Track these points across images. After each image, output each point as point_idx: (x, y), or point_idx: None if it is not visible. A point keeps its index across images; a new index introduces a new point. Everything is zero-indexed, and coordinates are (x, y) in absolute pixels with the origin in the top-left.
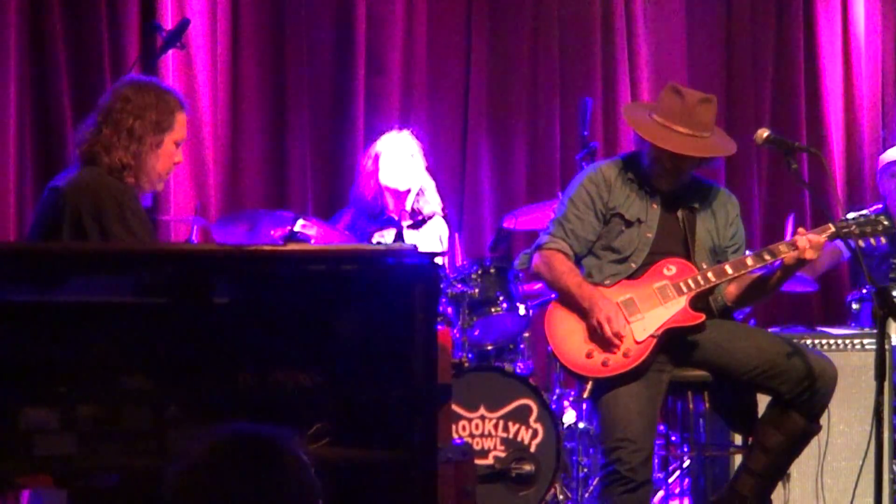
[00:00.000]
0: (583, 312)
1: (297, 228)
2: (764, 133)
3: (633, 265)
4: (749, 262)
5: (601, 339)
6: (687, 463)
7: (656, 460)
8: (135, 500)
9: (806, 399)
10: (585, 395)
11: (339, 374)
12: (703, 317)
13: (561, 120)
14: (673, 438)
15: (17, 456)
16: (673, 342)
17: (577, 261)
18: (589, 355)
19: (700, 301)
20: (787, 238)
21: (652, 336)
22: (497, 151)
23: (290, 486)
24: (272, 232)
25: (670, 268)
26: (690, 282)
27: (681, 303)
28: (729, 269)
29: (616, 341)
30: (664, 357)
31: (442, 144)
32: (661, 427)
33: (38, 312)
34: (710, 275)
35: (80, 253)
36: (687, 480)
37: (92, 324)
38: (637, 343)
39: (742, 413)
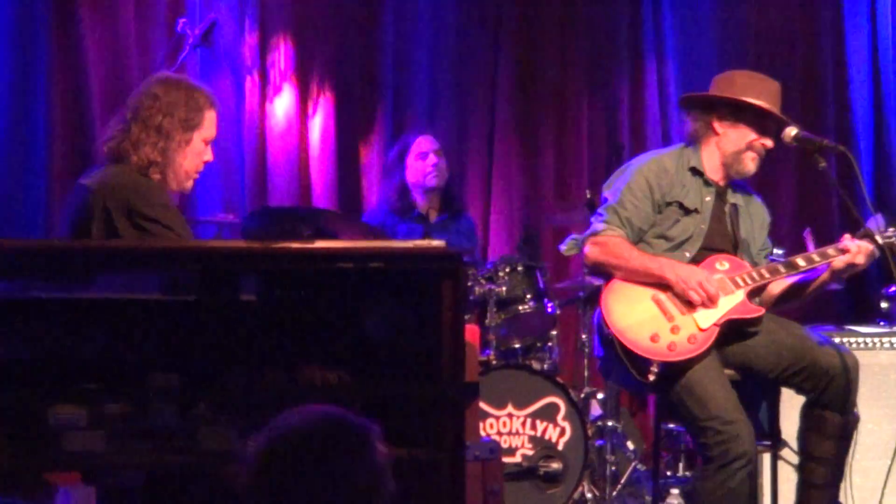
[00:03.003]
0: (664, 287)
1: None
2: (792, 131)
3: (688, 254)
4: (801, 262)
5: (664, 321)
6: None
7: (683, 459)
8: (162, 496)
9: (831, 392)
10: (652, 379)
11: (367, 371)
12: (763, 310)
13: (588, 117)
14: None
15: (46, 452)
16: (717, 339)
17: None
18: (654, 338)
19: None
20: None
21: (715, 325)
22: (524, 149)
23: (365, 476)
24: (300, 230)
25: (723, 263)
26: (746, 277)
27: (739, 296)
28: (781, 269)
29: (711, 305)
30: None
31: (470, 142)
32: None
33: (68, 310)
34: (764, 272)
35: (109, 251)
36: None
37: (120, 321)
38: (701, 330)
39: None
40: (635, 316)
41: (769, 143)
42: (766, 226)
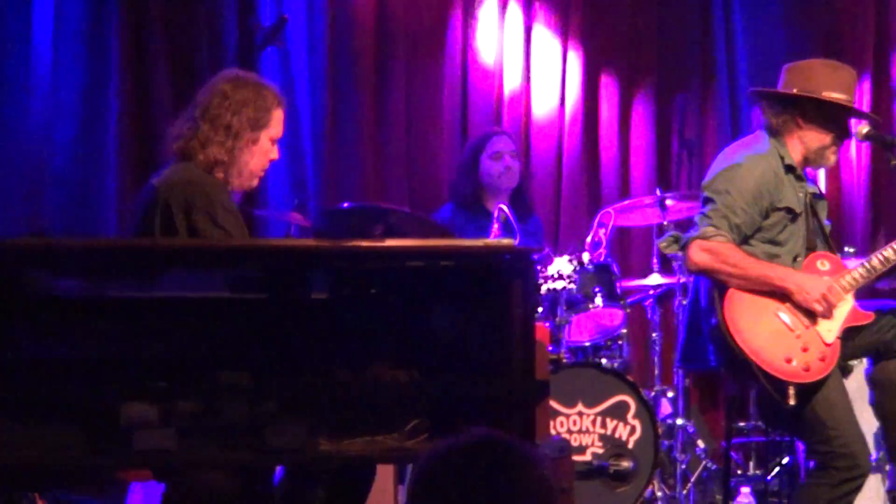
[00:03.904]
0: (781, 297)
1: (392, 223)
2: (864, 129)
3: (799, 259)
4: (892, 255)
5: (792, 339)
6: (786, 460)
7: (755, 458)
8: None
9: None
10: (792, 402)
11: (437, 370)
12: (873, 316)
13: (657, 115)
14: (773, 436)
15: (117, 450)
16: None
17: None
18: (788, 360)
19: None
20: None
21: (837, 337)
22: (594, 148)
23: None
24: (370, 228)
25: (824, 262)
26: (850, 278)
27: (849, 301)
28: (877, 265)
29: (830, 315)
30: None
31: (539, 140)
32: (761, 424)
33: (139, 308)
34: (862, 270)
35: (181, 249)
36: (786, 478)
37: (191, 319)
38: (827, 345)
39: None
40: (763, 333)
41: (848, 136)
42: (826, 216)
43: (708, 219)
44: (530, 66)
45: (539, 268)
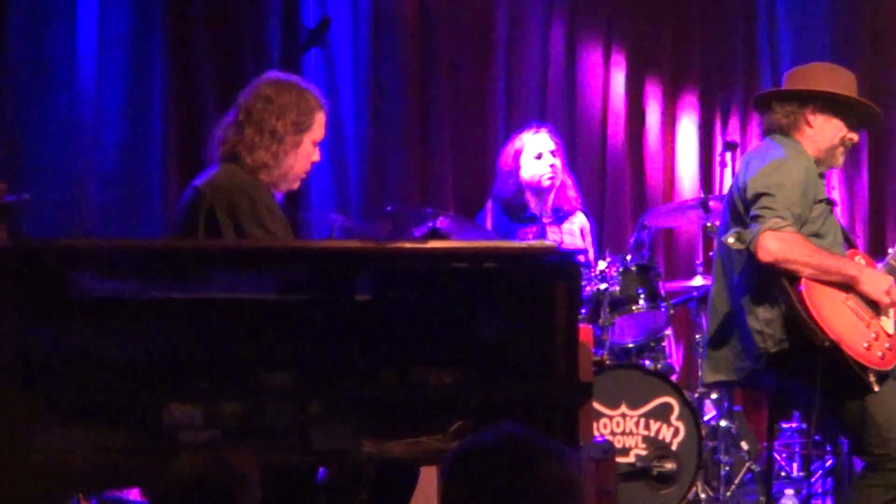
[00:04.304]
0: (846, 288)
1: (437, 225)
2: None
3: (841, 251)
4: None
5: (864, 328)
6: (830, 463)
7: (799, 460)
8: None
9: None
10: (876, 389)
11: (481, 371)
12: None
13: (701, 116)
14: (816, 438)
15: (162, 451)
16: None
17: None
18: (868, 347)
19: None
20: None
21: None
22: (637, 149)
23: (549, 495)
24: (413, 229)
25: (860, 259)
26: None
27: None
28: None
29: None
30: None
31: (582, 141)
32: (804, 426)
33: (183, 309)
34: (887, 269)
35: (225, 250)
36: (830, 480)
37: (236, 321)
38: (889, 336)
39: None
40: (842, 320)
41: (856, 137)
42: None
43: (773, 210)
44: (575, 67)
45: (583, 269)
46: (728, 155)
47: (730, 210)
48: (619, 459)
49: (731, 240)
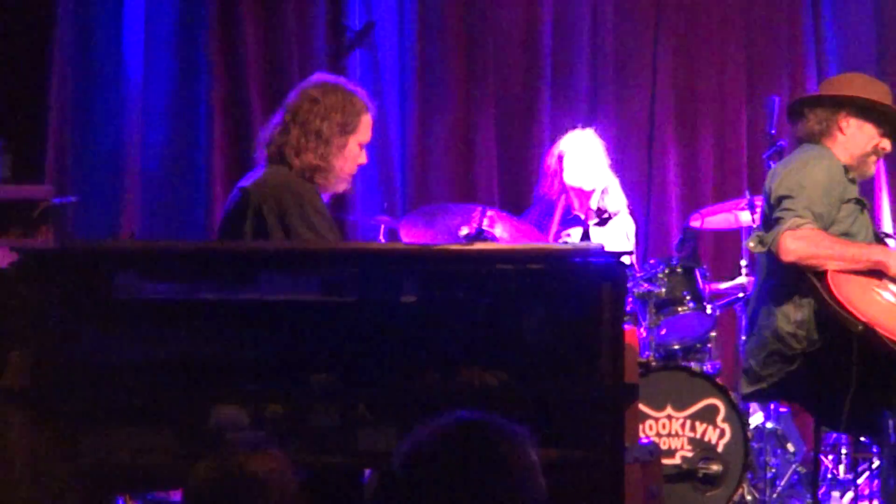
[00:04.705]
0: (876, 275)
1: (483, 225)
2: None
3: None
4: None
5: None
6: (876, 464)
7: (845, 462)
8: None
9: None
10: None
11: (526, 373)
12: None
13: (748, 118)
14: (862, 439)
15: (207, 453)
16: None
17: None
18: None
19: None
20: None
21: None
22: (683, 150)
23: (513, 482)
24: (459, 231)
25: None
26: None
27: None
28: None
29: None
30: None
31: (628, 143)
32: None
33: (230, 311)
34: None
35: (270, 252)
36: (876, 482)
37: (282, 322)
38: None
39: None
40: (874, 306)
41: (889, 146)
42: None
43: (791, 211)
44: (621, 68)
45: (628, 271)
46: (774, 155)
47: (761, 217)
48: (665, 461)
49: (751, 244)
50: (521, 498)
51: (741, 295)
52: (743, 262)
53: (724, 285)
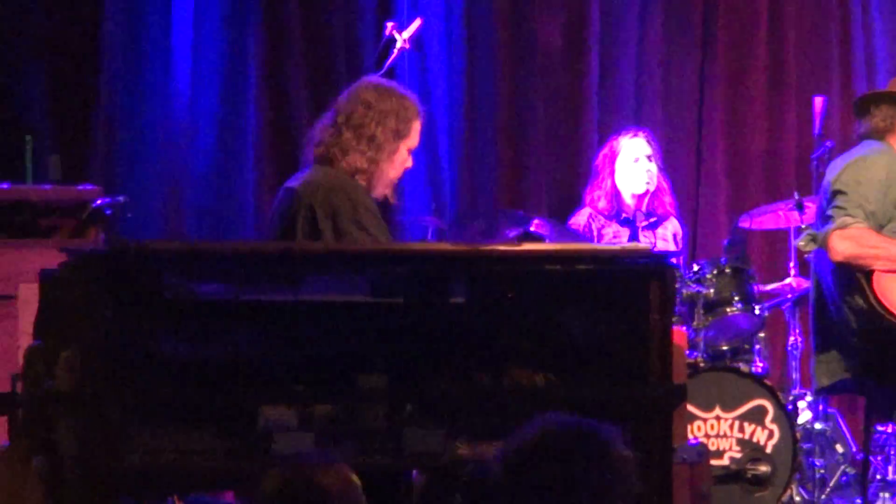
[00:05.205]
0: None
1: (529, 227)
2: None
3: None
4: None
5: None
6: None
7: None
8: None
9: None
10: None
11: (574, 374)
12: None
13: (797, 119)
14: None
15: (256, 453)
16: None
17: None
18: None
19: None
20: None
21: None
22: (732, 151)
23: (613, 480)
24: (507, 232)
25: None
26: None
27: None
28: None
29: None
30: None
31: (677, 145)
32: None
33: (277, 311)
34: None
35: (318, 253)
36: None
37: (330, 323)
38: None
39: None
40: None
41: None
42: None
43: (842, 210)
44: (669, 69)
45: (676, 272)
46: (824, 155)
47: (818, 211)
48: (713, 462)
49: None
50: (628, 497)
51: (790, 296)
52: (791, 263)
53: (772, 286)
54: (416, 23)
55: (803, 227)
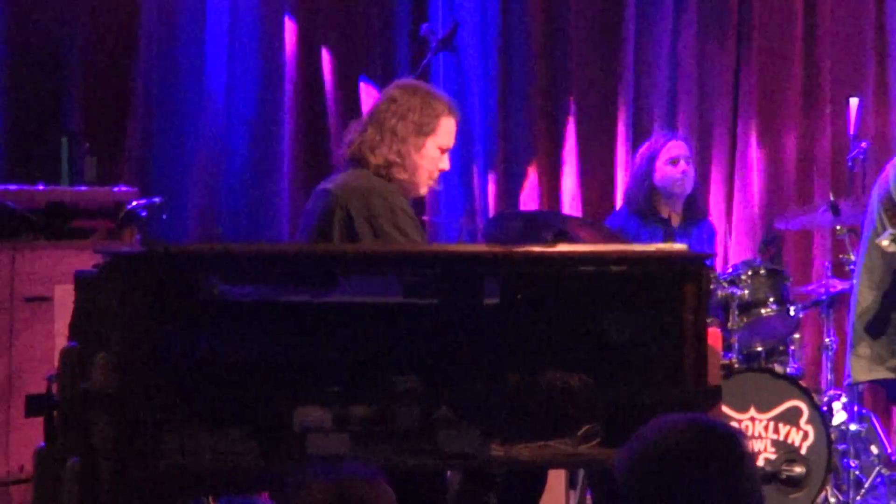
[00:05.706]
0: None
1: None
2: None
3: None
4: None
5: None
6: None
7: None
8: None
9: None
10: None
11: (609, 375)
12: None
13: (832, 120)
14: None
15: (291, 455)
16: None
17: None
18: None
19: None
20: None
21: None
22: (767, 152)
23: (742, 478)
24: (542, 233)
25: None
26: None
27: None
28: None
29: None
30: None
31: (712, 146)
32: None
33: (313, 313)
34: None
35: (353, 254)
36: None
37: (365, 324)
38: None
39: None
40: None
41: None
42: None
43: None
44: (704, 71)
45: (712, 273)
46: (859, 157)
47: (880, 212)
48: None
49: (885, 242)
50: (755, 496)
51: (824, 297)
52: (826, 264)
53: (807, 287)
54: (452, 26)
55: (839, 228)
